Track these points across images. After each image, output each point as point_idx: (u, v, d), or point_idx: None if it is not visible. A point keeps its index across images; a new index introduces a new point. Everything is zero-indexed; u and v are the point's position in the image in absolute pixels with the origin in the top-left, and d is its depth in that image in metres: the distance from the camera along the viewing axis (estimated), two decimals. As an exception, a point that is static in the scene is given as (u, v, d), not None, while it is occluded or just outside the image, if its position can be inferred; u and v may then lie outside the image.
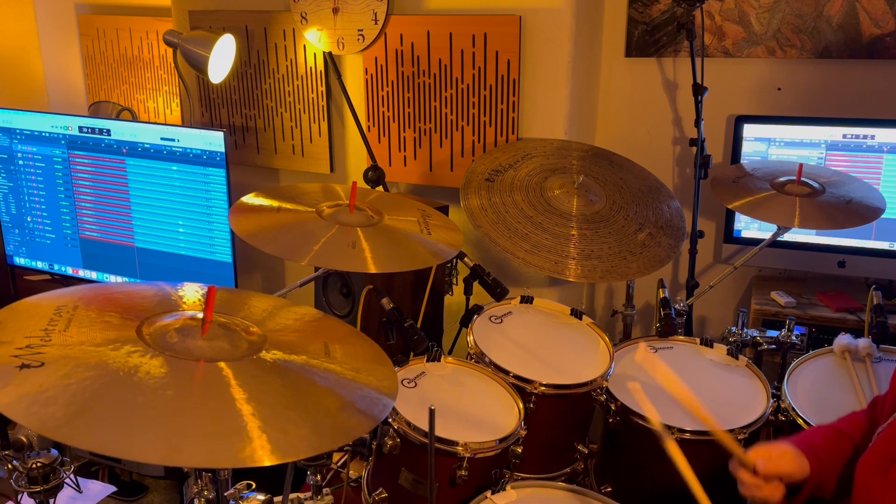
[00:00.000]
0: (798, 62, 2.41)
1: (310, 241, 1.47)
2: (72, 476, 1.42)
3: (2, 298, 2.97)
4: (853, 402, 1.63)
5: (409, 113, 2.51)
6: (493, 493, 1.49)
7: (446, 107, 2.44)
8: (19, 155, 2.80)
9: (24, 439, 1.34)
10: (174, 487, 2.67)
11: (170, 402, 0.87)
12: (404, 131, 2.54)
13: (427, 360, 1.71)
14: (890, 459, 1.11)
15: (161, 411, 0.85)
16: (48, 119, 2.72)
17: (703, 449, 1.64)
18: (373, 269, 1.45)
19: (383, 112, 2.55)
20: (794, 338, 1.90)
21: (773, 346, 1.94)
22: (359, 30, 2.48)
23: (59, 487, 1.39)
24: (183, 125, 2.87)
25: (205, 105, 2.90)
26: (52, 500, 1.39)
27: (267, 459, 0.84)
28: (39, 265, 2.92)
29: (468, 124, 2.43)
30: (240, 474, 1.36)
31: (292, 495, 1.40)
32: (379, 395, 1.03)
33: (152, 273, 2.71)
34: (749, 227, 2.43)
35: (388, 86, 2.52)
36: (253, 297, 1.22)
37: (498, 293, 1.95)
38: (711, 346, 1.91)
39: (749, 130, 2.37)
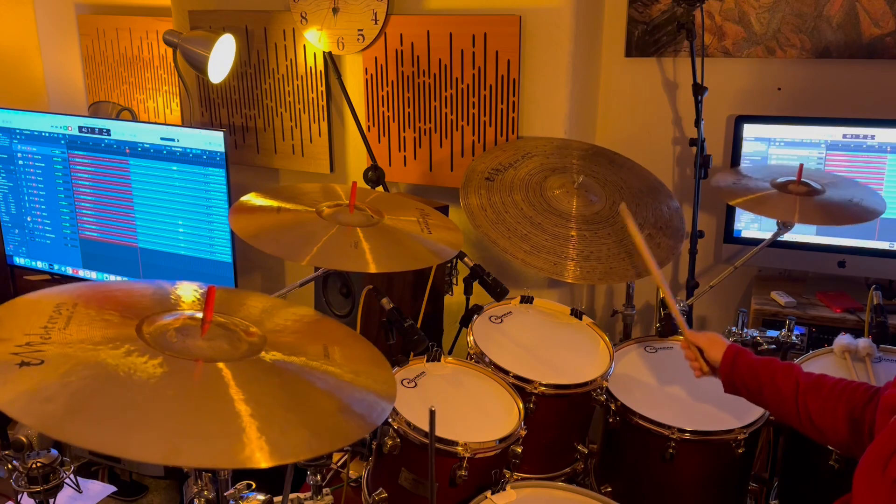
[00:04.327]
0: (798, 62, 2.41)
1: (310, 242, 1.47)
2: (72, 476, 1.42)
3: (2, 298, 2.97)
4: (853, 402, 1.63)
5: (409, 113, 2.51)
6: (493, 493, 1.49)
7: (446, 107, 2.44)
8: (19, 155, 2.80)
9: (24, 439, 1.34)
10: (174, 487, 2.67)
11: (169, 402, 0.87)
12: (404, 131, 2.54)
13: (427, 360, 1.71)
14: (887, 455, 1.11)
15: (161, 411, 0.85)
16: (48, 119, 2.72)
17: (703, 449, 1.64)
18: (373, 269, 1.45)
19: (383, 112, 2.55)
20: (794, 338, 1.90)
21: (773, 346, 1.93)
22: (359, 30, 2.48)
23: (59, 487, 1.39)
24: (183, 125, 2.87)
25: (205, 105, 2.90)
26: (52, 500, 1.39)
27: (265, 461, 0.84)
28: (39, 265, 2.92)
29: (468, 124, 2.43)
30: (240, 474, 1.36)
31: (292, 495, 1.40)
32: (378, 398, 1.03)
33: (152, 273, 2.71)
34: (749, 227, 2.42)
35: (388, 86, 2.52)
36: (253, 296, 1.22)
37: (498, 293, 1.95)
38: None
39: (749, 130, 2.37)
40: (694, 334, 1.60)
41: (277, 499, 1.34)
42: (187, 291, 1.16)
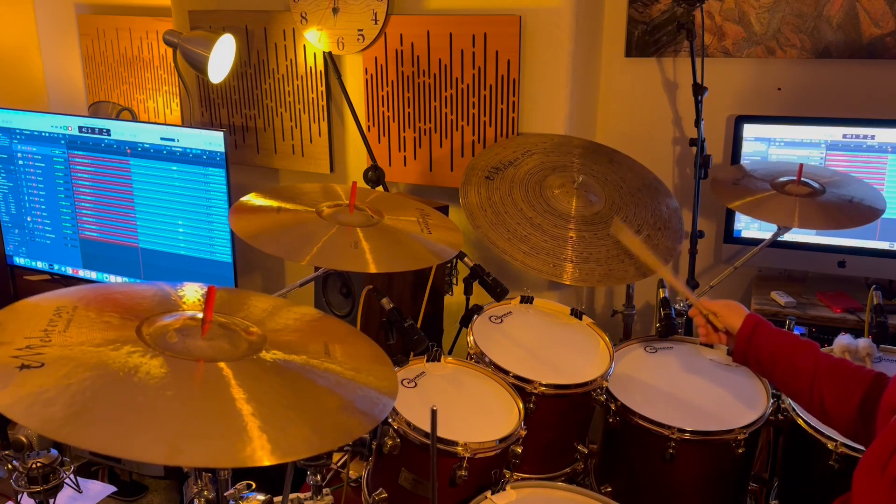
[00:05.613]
0: (798, 62, 2.41)
1: (310, 242, 1.47)
2: (72, 476, 1.42)
3: (2, 298, 2.97)
4: (853, 402, 1.63)
5: (409, 113, 2.51)
6: (493, 493, 1.49)
7: (446, 107, 2.44)
8: (19, 155, 2.80)
9: (24, 439, 1.34)
10: (174, 487, 2.67)
11: (170, 403, 0.87)
12: (404, 131, 2.54)
13: (427, 360, 1.71)
14: (887, 455, 1.11)
15: (161, 411, 0.85)
16: (48, 119, 2.72)
17: (703, 449, 1.64)
18: (373, 269, 1.45)
19: (383, 112, 2.55)
20: (794, 338, 1.90)
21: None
22: (359, 30, 2.48)
23: (59, 487, 1.39)
24: (183, 125, 2.87)
25: (205, 105, 2.90)
26: (52, 500, 1.39)
27: (267, 459, 0.84)
28: (39, 265, 2.92)
29: (468, 124, 2.43)
30: (240, 474, 1.36)
31: (292, 495, 1.40)
32: (379, 394, 1.03)
33: (152, 273, 2.71)
34: (749, 227, 2.43)
35: (388, 86, 2.52)
36: (253, 296, 1.22)
37: (498, 293, 1.95)
38: (711, 346, 1.91)
39: (749, 130, 2.37)
40: (709, 301, 1.60)
41: (277, 499, 1.34)
42: (190, 292, 1.16)
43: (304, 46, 2.62)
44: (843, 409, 1.37)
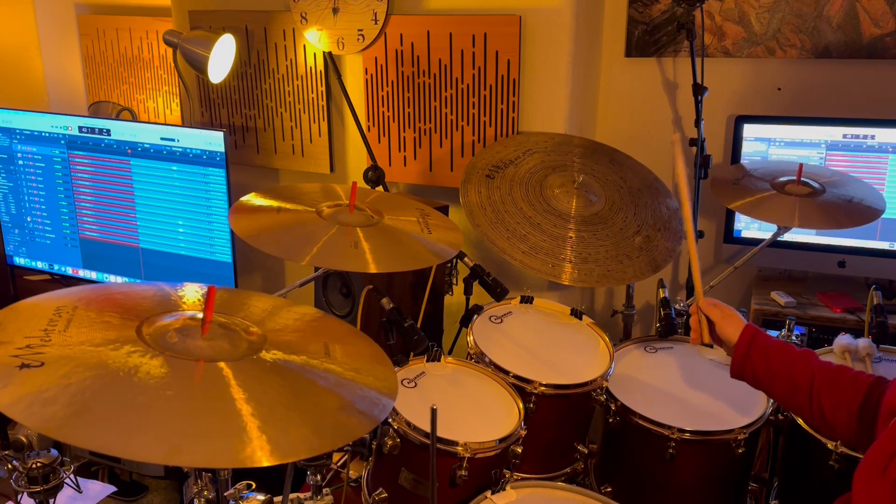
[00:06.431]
0: (798, 62, 2.41)
1: (310, 242, 1.47)
2: (72, 476, 1.42)
3: (2, 298, 2.97)
4: (853, 402, 1.63)
5: (409, 113, 2.51)
6: (493, 493, 1.49)
7: (446, 107, 2.44)
8: (19, 155, 2.80)
9: (24, 439, 1.34)
10: (174, 487, 2.67)
11: (170, 402, 0.87)
12: (404, 131, 2.54)
13: (427, 360, 1.71)
14: (888, 457, 1.11)
15: (161, 411, 0.85)
16: (48, 119, 2.72)
17: (703, 449, 1.64)
18: (373, 269, 1.45)
19: (383, 112, 2.55)
20: (794, 338, 1.90)
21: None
22: (359, 30, 2.48)
23: (59, 487, 1.39)
24: (183, 125, 2.87)
25: (205, 105, 2.90)
26: (52, 500, 1.39)
27: (267, 460, 0.84)
28: (39, 265, 2.92)
29: (468, 124, 2.43)
30: (240, 474, 1.36)
31: (292, 495, 1.40)
32: (379, 395, 1.03)
33: (152, 273, 2.71)
34: (749, 227, 2.43)
35: (388, 86, 2.52)
36: (253, 296, 1.22)
37: (498, 293, 1.95)
38: (711, 346, 1.91)
39: (749, 130, 2.37)
40: (708, 305, 1.58)
41: (277, 499, 1.34)
42: (190, 292, 1.16)
43: (304, 46, 2.62)
44: (842, 418, 1.37)
